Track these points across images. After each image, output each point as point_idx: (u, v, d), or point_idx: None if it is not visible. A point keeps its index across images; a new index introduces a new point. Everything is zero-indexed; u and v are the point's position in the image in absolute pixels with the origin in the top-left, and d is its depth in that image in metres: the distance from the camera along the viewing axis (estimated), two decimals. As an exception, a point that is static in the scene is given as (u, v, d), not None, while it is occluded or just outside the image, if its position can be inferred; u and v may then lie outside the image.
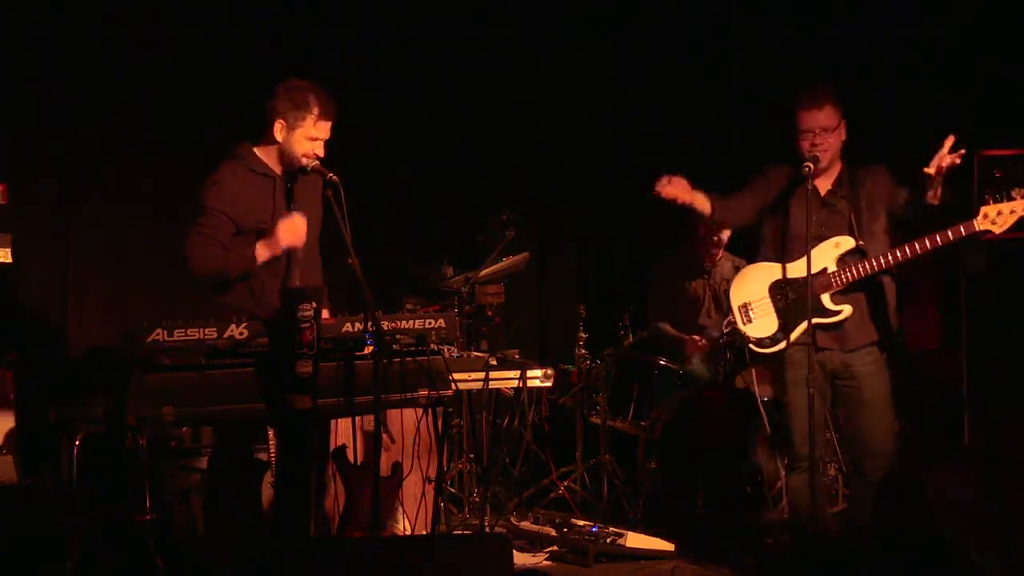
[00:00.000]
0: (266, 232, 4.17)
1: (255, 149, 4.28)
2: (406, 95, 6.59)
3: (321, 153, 4.23)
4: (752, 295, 4.61)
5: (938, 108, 6.21)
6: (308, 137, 4.21)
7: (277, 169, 4.27)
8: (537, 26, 6.89)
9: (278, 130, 4.22)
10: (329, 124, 4.25)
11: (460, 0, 6.68)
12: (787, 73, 6.35)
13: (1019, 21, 6.00)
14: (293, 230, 4.18)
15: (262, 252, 4.16)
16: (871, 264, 4.39)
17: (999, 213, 4.26)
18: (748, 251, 5.05)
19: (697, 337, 5.99)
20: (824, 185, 4.52)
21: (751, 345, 4.61)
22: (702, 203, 4.64)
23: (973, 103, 6.12)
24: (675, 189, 4.60)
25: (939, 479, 4.07)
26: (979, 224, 4.27)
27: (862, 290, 4.46)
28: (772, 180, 4.60)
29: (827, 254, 4.45)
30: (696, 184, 6.11)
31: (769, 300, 4.56)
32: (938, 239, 4.28)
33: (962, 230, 4.28)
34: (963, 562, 3.76)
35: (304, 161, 4.21)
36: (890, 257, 4.36)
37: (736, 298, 4.66)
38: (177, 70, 5.97)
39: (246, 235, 4.18)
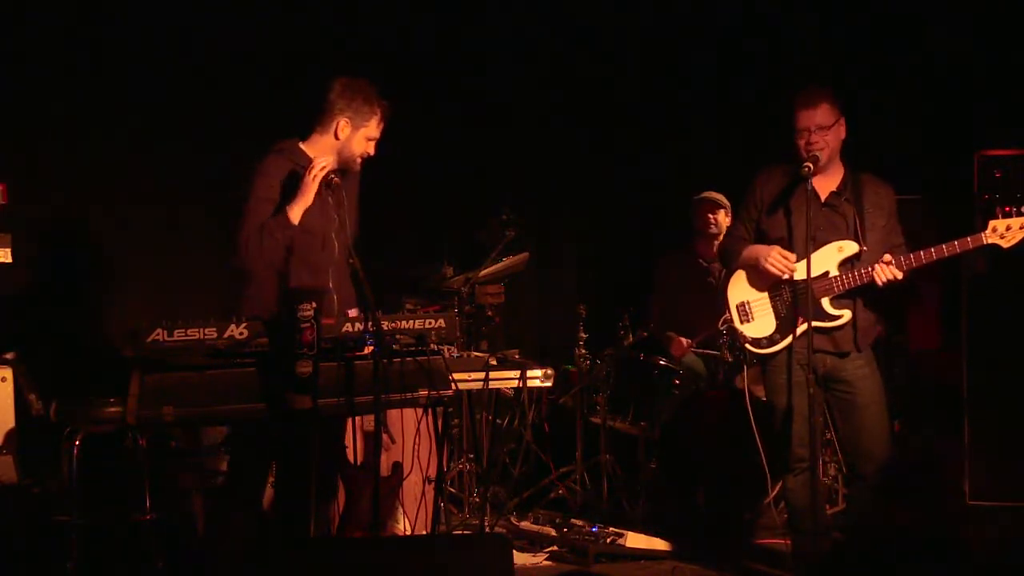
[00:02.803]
0: (293, 200, 4.12)
1: (301, 144, 4.26)
2: (406, 95, 6.58)
3: (373, 153, 4.26)
4: (751, 294, 4.59)
5: (938, 108, 6.22)
6: (368, 137, 4.24)
7: None
8: (537, 26, 6.89)
9: (341, 127, 4.21)
10: (383, 126, 4.28)
11: (460, 2, 6.68)
12: (787, 74, 6.36)
13: (1019, 20, 6.00)
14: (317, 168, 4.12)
15: (295, 212, 4.10)
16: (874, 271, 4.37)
17: (1008, 228, 4.27)
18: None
19: (682, 339, 5.98)
20: (826, 187, 4.49)
21: (747, 345, 4.60)
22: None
23: (973, 103, 6.12)
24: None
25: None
26: (987, 238, 4.28)
27: (861, 295, 4.45)
28: (765, 187, 4.57)
29: (830, 258, 4.44)
30: (695, 184, 6.17)
31: (768, 300, 4.55)
32: (944, 250, 4.28)
33: (969, 243, 4.28)
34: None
35: (359, 161, 4.23)
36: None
37: (734, 296, 4.63)
38: (177, 70, 5.97)
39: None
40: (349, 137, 4.22)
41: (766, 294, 4.55)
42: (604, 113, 6.97)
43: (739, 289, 4.62)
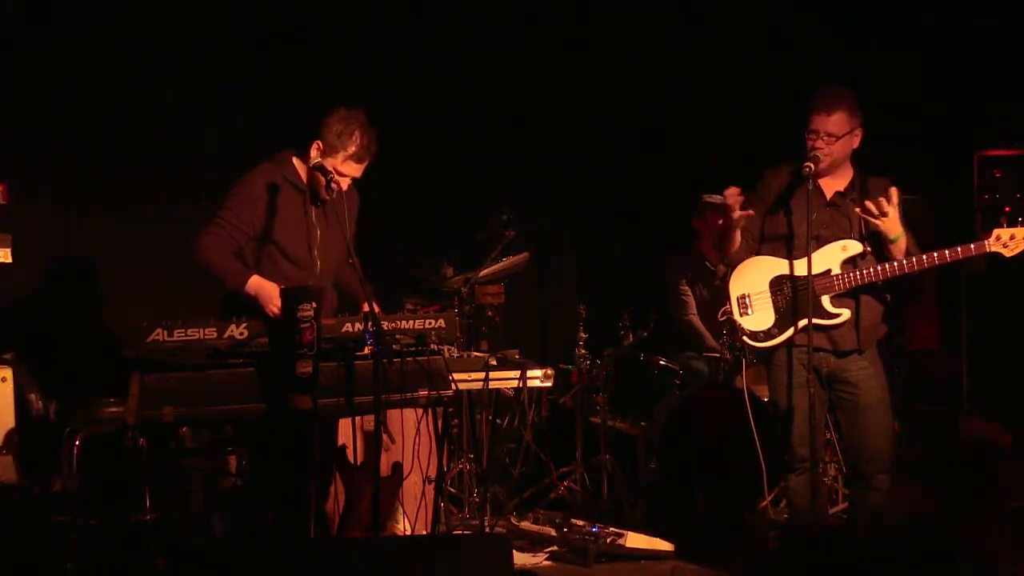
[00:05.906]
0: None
1: (295, 159, 4.34)
2: (406, 94, 6.59)
3: (344, 188, 4.32)
4: (752, 287, 4.58)
5: (938, 108, 6.22)
6: (337, 170, 4.28)
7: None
8: (536, 26, 6.89)
9: (314, 150, 4.29)
10: (361, 167, 4.35)
11: (460, 2, 6.68)
12: (789, 73, 6.36)
13: (1019, 20, 6.01)
14: (268, 298, 4.18)
15: (252, 287, 4.20)
16: (877, 271, 4.37)
17: (1012, 237, 4.29)
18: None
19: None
20: (832, 187, 4.50)
21: (745, 337, 4.60)
22: (733, 241, 4.54)
23: (973, 103, 6.12)
24: (740, 214, 4.43)
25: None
26: (991, 246, 4.30)
27: (861, 295, 4.45)
28: (772, 185, 4.57)
29: (833, 257, 4.43)
30: (697, 185, 6.17)
31: (768, 294, 4.55)
32: (947, 255, 4.29)
33: (972, 250, 4.29)
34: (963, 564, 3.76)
35: (322, 191, 4.29)
36: (896, 266, 4.35)
37: (735, 288, 4.62)
38: (177, 70, 5.97)
39: (265, 246, 4.25)
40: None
41: (767, 288, 4.55)
42: (605, 112, 6.97)
43: (741, 282, 4.62)
